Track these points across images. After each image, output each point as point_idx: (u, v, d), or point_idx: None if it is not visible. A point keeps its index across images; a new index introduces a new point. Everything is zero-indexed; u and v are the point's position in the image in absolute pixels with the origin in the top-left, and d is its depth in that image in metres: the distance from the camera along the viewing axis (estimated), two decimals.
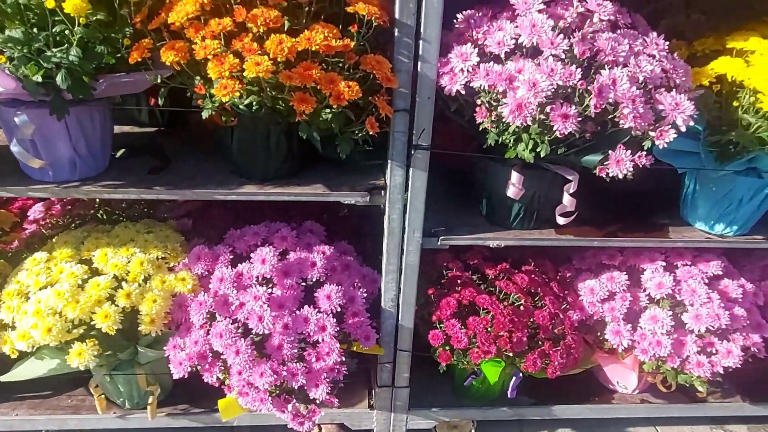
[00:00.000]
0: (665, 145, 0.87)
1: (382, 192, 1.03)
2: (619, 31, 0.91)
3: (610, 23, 0.88)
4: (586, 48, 0.83)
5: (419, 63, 0.89)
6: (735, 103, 0.97)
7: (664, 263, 1.20)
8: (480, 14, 0.92)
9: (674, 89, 0.90)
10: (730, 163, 1.02)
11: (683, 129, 0.87)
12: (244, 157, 1.04)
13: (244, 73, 0.77)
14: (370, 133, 0.88)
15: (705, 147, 1.02)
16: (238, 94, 0.78)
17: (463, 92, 0.90)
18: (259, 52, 0.78)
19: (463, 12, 0.93)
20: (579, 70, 0.83)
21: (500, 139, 0.92)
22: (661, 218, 1.21)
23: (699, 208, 1.15)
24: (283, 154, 1.03)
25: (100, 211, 1.32)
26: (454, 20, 0.94)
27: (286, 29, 0.85)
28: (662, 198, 1.23)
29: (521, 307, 1.14)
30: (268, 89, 0.82)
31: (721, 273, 1.19)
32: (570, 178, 1.01)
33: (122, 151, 1.13)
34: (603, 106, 0.83)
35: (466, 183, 1.20)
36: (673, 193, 1.20)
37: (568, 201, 1.04)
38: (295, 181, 1.05)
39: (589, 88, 0.82)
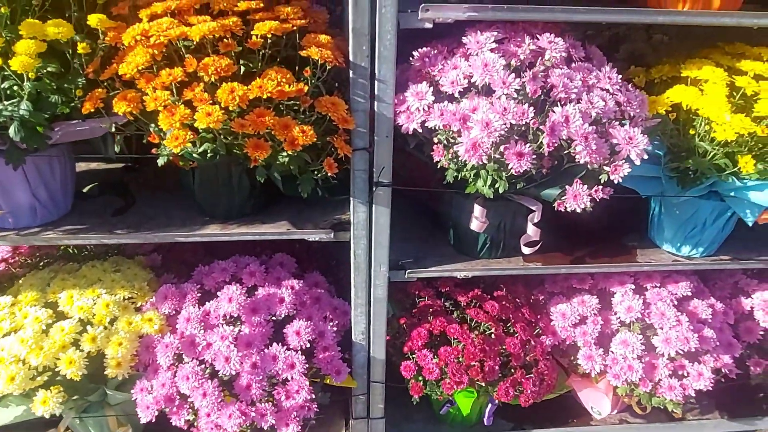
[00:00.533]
0: (620, 180, 0.88)
1: (348, 227, 1.03)
2: (573, 65, 0.92)
3: (563, 58, 0.89)
4: (538, 87, 0.83)
5: (375, 103, 0.89)
6: (691, 131, 0.98)
7: (633, 286, 1.21)
8: (435, 52, 0.92)
9: (629, 121, 0.91)
10: (692, 188, 1.03)
11: (637, 163, 0.88)
12: (206, 196, 1.04)
13: (195, 124, 0.77)
14: (329, 174, 0.88)
15: (666, 173, 1.03)
16: (189, 144, 0.78)
17: (420, 130, 0.90)
18: (211, 101, 0.78)
19: (419, 50, 0.93)
20: (531, 108, 0.84)
21: (459, 176, 0.92)
22: (630, 239, 1.22)
23: (665, 231, 1.16)
24: (246, 192, 1.03)
25: (70, 247, 1.31)
26: (410, 57, 0.95)
27: (242, 72, 0.85)
28: (633, 217, 1.23)
29: (492, 336, 1.14)
30: (222, 136, 0.82)
31: (690, 294, 1.20)
32: (533, 208, 1.01)
33: (91, 186, 1.12)
34: (556, 144, 0.83)
35: (435, 213, 1.21)
36: (643, 212, 1.21)
37: (532, 231, 1.04)
38: (259, 218, 1.05)
39: (541, 126, 0.82)
